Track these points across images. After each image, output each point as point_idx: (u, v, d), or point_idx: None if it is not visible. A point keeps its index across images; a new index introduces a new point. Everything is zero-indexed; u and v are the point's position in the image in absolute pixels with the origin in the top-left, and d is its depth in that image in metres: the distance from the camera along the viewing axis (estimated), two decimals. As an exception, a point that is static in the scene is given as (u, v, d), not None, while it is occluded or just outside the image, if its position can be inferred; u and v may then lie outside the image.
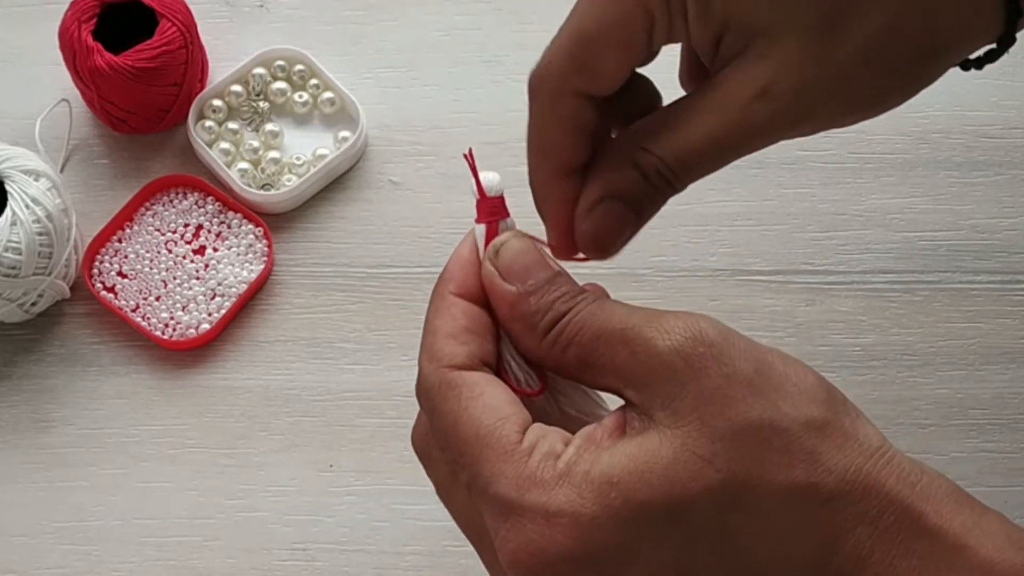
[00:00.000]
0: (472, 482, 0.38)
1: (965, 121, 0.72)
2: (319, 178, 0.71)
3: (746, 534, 0.36)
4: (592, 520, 0.36)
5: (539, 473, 0.37)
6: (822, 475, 0.36)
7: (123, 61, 0.68)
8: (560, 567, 0.36)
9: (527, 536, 0.36)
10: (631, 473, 0.36)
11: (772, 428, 0.36)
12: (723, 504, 0.35)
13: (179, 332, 0.68)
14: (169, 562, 0.64)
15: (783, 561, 0.36)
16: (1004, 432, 0.66)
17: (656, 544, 0.36)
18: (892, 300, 0.69)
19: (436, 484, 0.42)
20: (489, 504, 0.37)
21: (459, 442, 0.39)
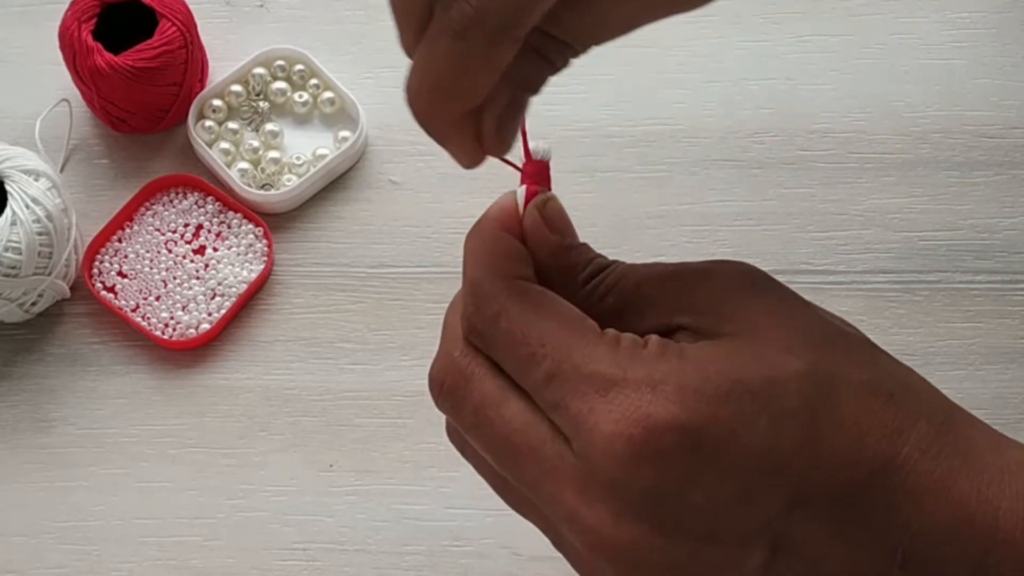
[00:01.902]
0: (556, 369, 0.37)
1: (965, 121, 0.72)
2: (319, 178, 0.71)
3: (827, 422, 0.36)
4: (696, 390, 0.36)
5: (635, 353, 0.37)
6: (883, 375, 0.38)
7: (123, 61, 0.68)
8: (666, 437, 0.35)
9: (633, 403, 0.35)
10: (722, 356, 0.37)
11: (836, 333, 0.39)
12: (807, 390, 0.36)
13: (179, 332, 0.68)
14: (169, 562, 0.64)
15: (857, 452, 0.37)
16: (1004, 431, 0.65)
17: (749, 424, 0.36)
18: (892, 300, 0.69)
19: (478, 406, 0.39)
20: (583, 383, 0.36)
21: (540, 332, 0.37)
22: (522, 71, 0.38)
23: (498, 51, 0.36)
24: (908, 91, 0.73)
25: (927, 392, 0.39)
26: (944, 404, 0.39)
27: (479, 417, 0.39)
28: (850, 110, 0.73)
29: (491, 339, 0.39)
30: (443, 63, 0.37)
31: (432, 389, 0.40)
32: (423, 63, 0.38)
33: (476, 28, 0.36)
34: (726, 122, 0.73)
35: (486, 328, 0.39)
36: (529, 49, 0.38)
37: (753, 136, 0.73)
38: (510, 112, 0.40)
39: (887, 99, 0.73)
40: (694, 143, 0.72)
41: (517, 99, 0.40)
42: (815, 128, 0.73)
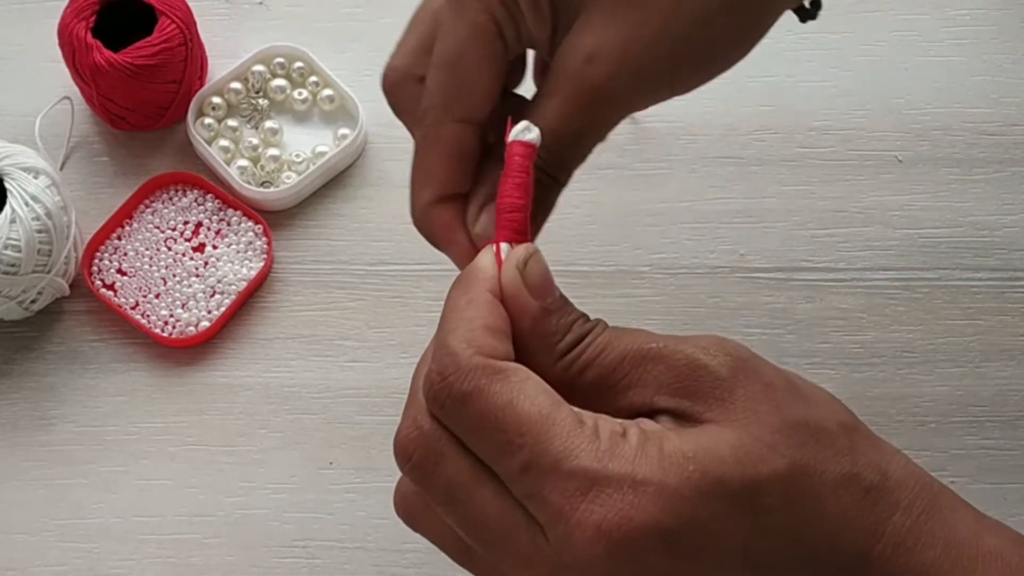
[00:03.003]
0: (533, 462, 0.36)
1: (965, 118, 0.72)
2: (319, 175, 0.71)
3: (806, 520, 0.37)
4: (676, 491, 0.36)
5: (615, 447, 0.36)
6: (862, 467, 0.38)
7: (122, 58, 0.68)
8: (645, 539, 0.35)
9: (615, 504, 0.35)
10: (704, 450, 0.36)
11: (817, 426, 0.38)
12: (788, 489, 0.37)
13: (179, 330, 0.68)
14: (169, 559, 0.64)
15: (834, 547, 0.37)
16: (1004, 429, 0.66)
17: (729, 524, 0.36)
18: (892, 297, 0.69)
19: (449, 486, 0.38)
20: (564, 479, 0.36)
21: (517, 421, 0.36)
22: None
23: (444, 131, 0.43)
24: (908, 88, 0.73)
25: (908, 478, 0.39)
26: (926, 489, 0.39)
27: (451, 496, 0.38)
28: (850, 107, 0.73)
29: (457, 419, 0.38)
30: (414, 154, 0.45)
31: (397, 457, 0.39)
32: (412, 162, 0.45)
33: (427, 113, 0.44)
34: (726, 119, 0.73)
35: (453, 405, 0.38)
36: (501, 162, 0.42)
37: (753, 133, 0.73)
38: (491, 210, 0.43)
39: (887, 96, 0.73)
40: (694, 140, 0.72)
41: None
42: (815, 125, 0.72)
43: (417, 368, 0.41)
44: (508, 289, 0.40)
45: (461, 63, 0.43)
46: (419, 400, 0.39)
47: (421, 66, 0.45)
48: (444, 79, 0.43)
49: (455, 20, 0.43)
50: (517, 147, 0.41)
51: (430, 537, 0.42)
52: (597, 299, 0.68)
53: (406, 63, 0.45)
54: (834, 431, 0.38)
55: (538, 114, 0.43)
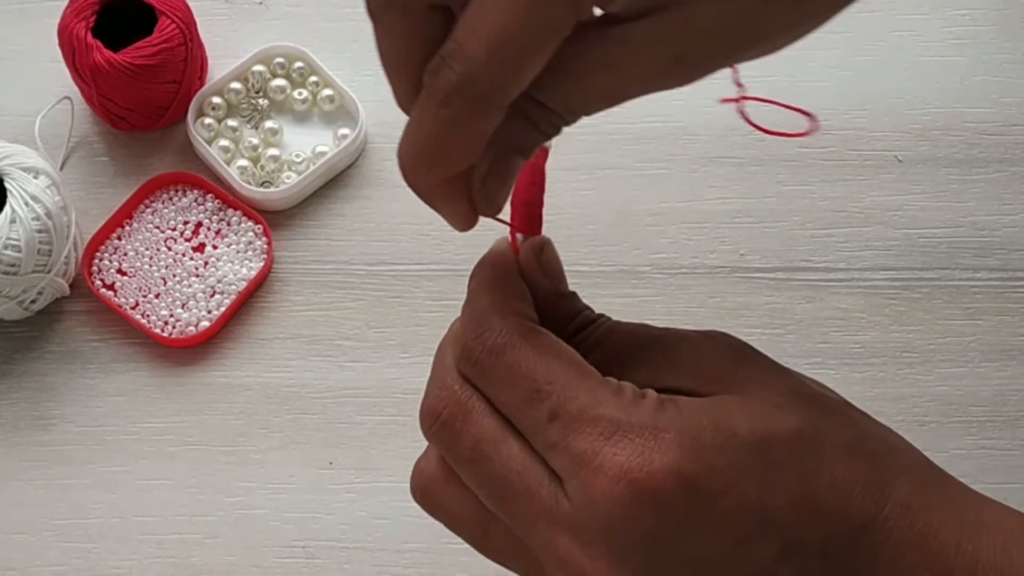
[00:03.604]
0: (561, 409, 0.37)
1: (965, 118, 0.72)
2: (319, 175, 0.71)
3: (816, 477, 0.37)
4: (695, 439, 0.36)
5: (638, 402, 0.37)
6: (866, 435, 0.39)
7: (122, 58, 0.68)
8: (666, 482, 0.36)
9: (637, 448, 0.36)
10: (715, 408, 0.37)
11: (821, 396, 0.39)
12: (797, 446, 0.37)
13: (179, 330, 0.68)
14: (169, 559, 0.64)
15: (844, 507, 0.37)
16: (1004, 429, 0.66)
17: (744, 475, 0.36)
18: (892, 297, 0.69)
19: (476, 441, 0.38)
20: (589, 425, 0.37)
21: (548, 369, 0.38)
22: (511, 136, 0.38)
23: (481, 119, 0.36)
24: (908, 88, 0.73)
25: (907, 450, 0.40)
26: (924, 461, 0.40)
27: (477, 453, 0.39)
28: (850, 107, 0.73)
29: (489, 371, 0.39)
30: (429, 129, 0.37)
31: (426, 419, 0.40)
32: (411, 128, 0.37)
33: (459, 96, 0.35)
34: (726, 119, 0.73)
35: (486, 359, 0.39)
36: (518, 114, 0.37)
37: (753, 133, 0.72)
38: (499, 175, 0.39)
39: (887, 96, 0.73)
40: (694, 140, 0.72)
41: (507, 162, 0.39)
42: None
43: (440, 347, 0.41)
44: (525, 270, 0.41)
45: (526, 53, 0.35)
46: (446, 365, 0.40)
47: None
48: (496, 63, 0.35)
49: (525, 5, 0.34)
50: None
51: (445, 515, 0.41)
52: (597, 299, 0.67)
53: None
54: (837, 402, 0.40)
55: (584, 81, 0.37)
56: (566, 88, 0.37)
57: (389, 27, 0.38)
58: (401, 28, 0.38)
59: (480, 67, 0.35)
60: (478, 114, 0.36)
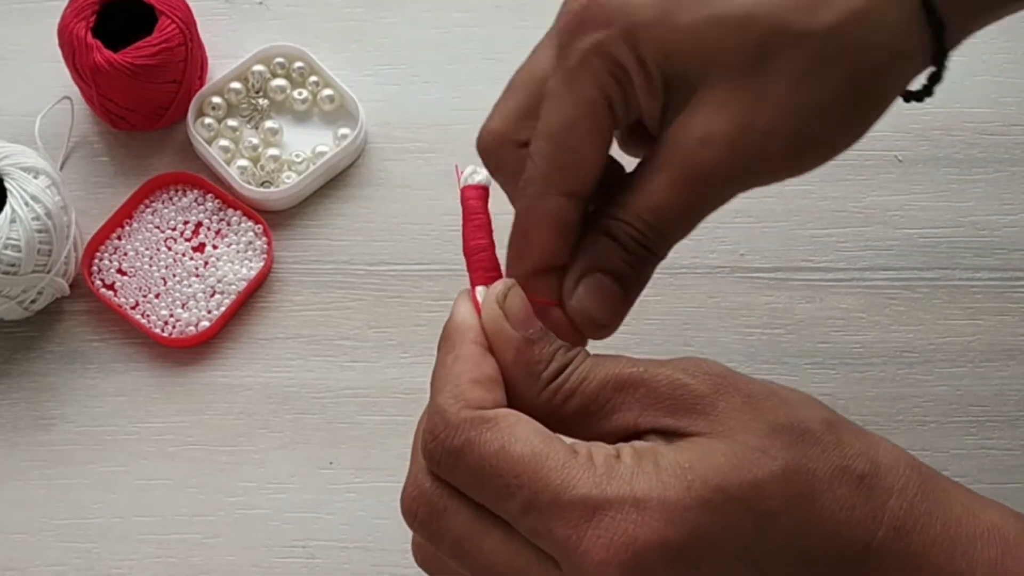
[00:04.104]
0: (533, 500, 0.37)
1: (965, 118, 0.72)
2: (319, 175, 0.71)
3: (806, 518, 0.37)
4: (678, 503, 0.36)
5: (611, 470, 0.37)
6: (851, 459, 0.39)
7: (122, 58, 0.68)
8: (652, 555, 0.36)
9: (620, 526, 0.36)
10: (700, 460, 0.37)
11: (801, 427, 0.39)
12: (786, 489, 0.37)
13: (179, 329, 0.68)
14: (169, 559, 0.64)
15: (837, 541, 0.38)
16: (1004, 429, 0.66)
17: (733, 530, 0.37)
18: (892, 297, 0.69)
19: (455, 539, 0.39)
20: (566, 511, 0.37)
21: (512, 464, 0.38)
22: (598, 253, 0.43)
23: (548, 203, 0.42)
24: (908, 88, 0.73)
25: (897, 462, 0.40)
26: (915, 471, 0.40)
27: (459, 549, 0.39)
28: (850, 107, 0.73)
29: (455, 472, 0.39)
30: (515, 223, 0.44)
31: (405, 516, 0.41)
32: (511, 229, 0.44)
33: (532, 183, 0.43)
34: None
35: (448, 461, 0.39)
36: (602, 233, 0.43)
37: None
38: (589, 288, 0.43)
39: (887, 96, 0.73)
40: (694, 140, 0.72)
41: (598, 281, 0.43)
42: (815, 125, 0.72)
43: (418, 426, 0.42)
44: (489, 325, 0.41)
45: (570, 137, 0.42)
46: (419, 459, 0.41)
47: (521, 131, 0.44)
48: (551, 151, 0.42)
49: (565, 92, 0.42)
50: (469, 191, 0.44)
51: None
52: (597, 299, 0.68)
53: (506, 127, 0.45)
54: (818, 429, 0.39)
55: (646, 189, 0.42)
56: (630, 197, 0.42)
57: (496, 171, 0.46)
58: (504, 168, 0.46)
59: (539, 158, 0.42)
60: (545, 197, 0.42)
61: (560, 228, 0.43)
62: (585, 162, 0.42)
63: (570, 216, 0.43)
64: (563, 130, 0.42)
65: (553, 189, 0.42)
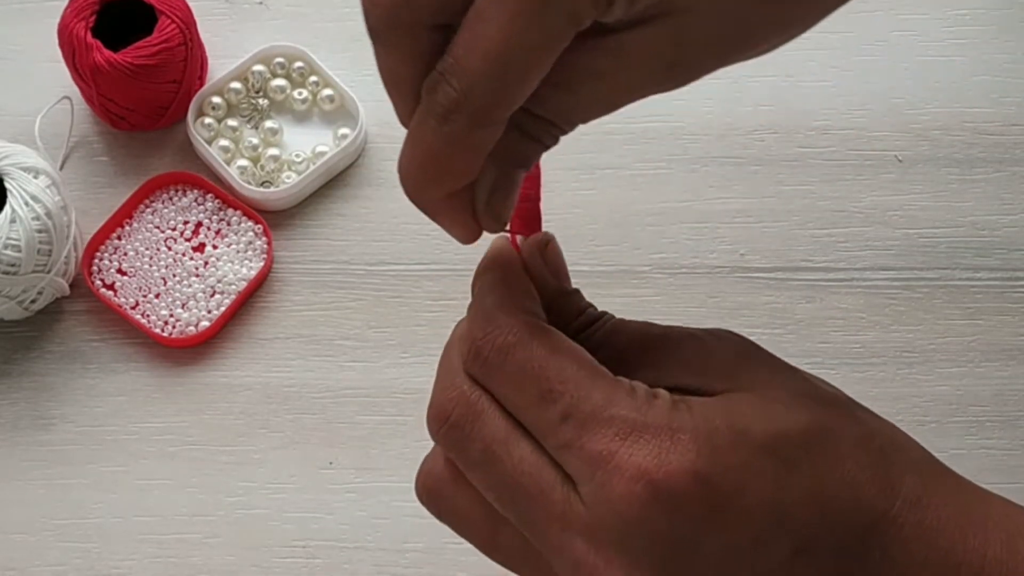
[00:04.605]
0: (574, 409, 0.36)
1: (965, 118, 0.72)
2: (319, 175, 0.71)
3: (828, 475, 0.37)
4: (709, 439, 0.36)
5: (652, 402, 0.37)
6: (872, 431, 0.39)
7: (122, 58, 0.68)
8: (683, 483, 0.36)
9: (653, 449, 0.36)
10: (727, 409, 0.37)
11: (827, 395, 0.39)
12: (809, 444, 0.37)
13: (179, 329, 0.68)
14: (169, 559, 0.64)
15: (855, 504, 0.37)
16: (1004, 429, 0.66)
17: (758, 474, 0.36)
18: (892, 297, 0.69)
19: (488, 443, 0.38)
20: (604, 426, 0.36)
21: (559, 370, 0.37)
22: (510, 149, 0.38)
23: (482, 134, 0.36)
24: (908, 88, 0.73)
25: (912, 447, 0.40)
26: (929, 457, 0.40)
27: (488, 455, 0.38)
28: (850, 107, 0.73)
29: (499, 370, 0.38)
30: (429, 145, 0.37)
31: (434, 421, 0.39)
32: (410, 144, 0.38)
33: (459, 112, 0.35)
34: (726, 119, 0.73)
35: (495, 358, 0.38)
36: (515, 128, 0.38)
37: (753, 133, 0.73)
38: (502, 189, 0.39)
39: (887, 96, 0.73)
40: (694, 140, 0.72)
41: (508, 175, 0.39)
42: (815, 125, 0.72)
43: (446, 348, 0.41)
44: (530, 269, 0.41)
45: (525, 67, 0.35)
46: (453, 366, 0.39)
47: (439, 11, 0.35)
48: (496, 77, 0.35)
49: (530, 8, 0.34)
50: None
51: (452, 518, 0.41)
52: (597, 299, 0.67)
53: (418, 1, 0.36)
54: (842, 400, 0.40)
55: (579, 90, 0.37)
56: (562, 99, 0.37)
57: (390, 45, 0.37)
58: (402, 46, 0.37)
59: (479, 82, 0.35)
60: (478, 129, 0.36)
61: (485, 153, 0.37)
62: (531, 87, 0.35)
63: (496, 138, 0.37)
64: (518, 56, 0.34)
65: (490, 119, 0.36)
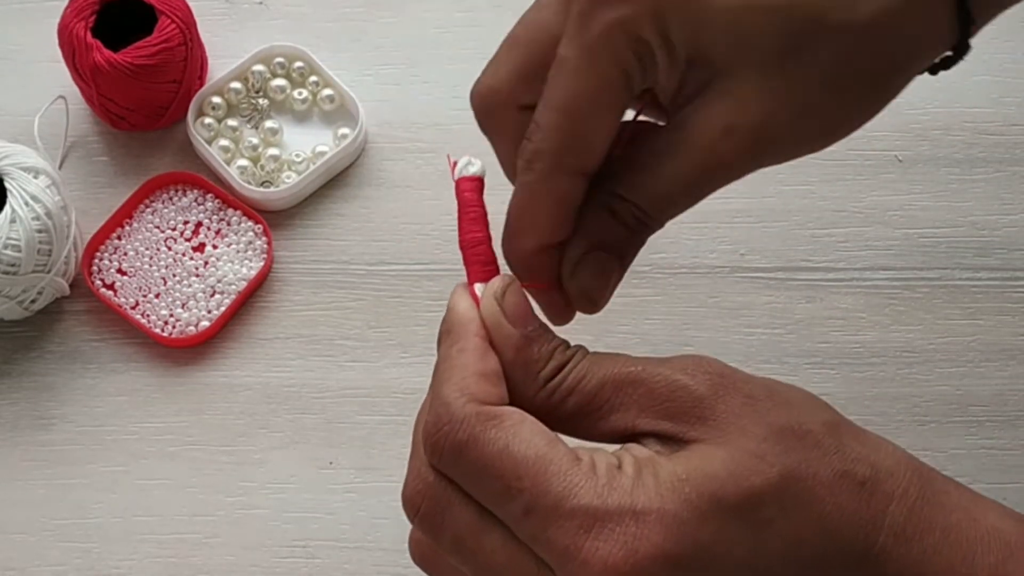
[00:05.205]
0: (534, 504, 0.37)
1: (965, 118, 0.72)
2: (318, 175, 0.71)
3: (805, 525, 0.37)
4: (676, 516, 0.36)
5: (612, 481, 0.37)
6: (852, 463, 0.38)
7: (122, 58, 0.68)
8: (653, 568, 0.36)
9: (619, 539, 0.36)
10: (696, 471, 0.37)
11: (801, 430, 0.38)
12: (784, 497, 0.37)
13: (179, 329, 0.68)
14: (169, 559, 0.64)
15: (838, 547, 0.37)
16: (1004, 429, 0.66)
17: (732, 541, 0.36)
18: (892, 297, 0.69)
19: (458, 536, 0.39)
20: (566, 519, 0.36)
21: (515, 465, 0.37)
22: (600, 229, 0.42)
23: (558, 181, 0.41)
24: (908, 88, 0.73)
25: (898, 466, 0.39)
26: (916, 475, 0.39)
27: (460, 546, 0.39)
28: (850, 107, 0.73)
29: (457, 468, 0.38)
30: (519, 196, 0.42)
31: (406, 509, 0.40)
32: (511, 201, 0.43)
33: (537, 160, 0.41)
34: (726, 119, 0.73)
35: (450, 456, 0.38)
36: (603, 209, 0.42)
37: (753, 133, 0.72)
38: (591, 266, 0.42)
39: (887, 96, 0.73)
40: (694, 140, 0.72)
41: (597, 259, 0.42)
42: (815, 125, 0.72)
43: (417, 418, 0.42)
44: (488, 321, 0.41)
45: (585, 113, 0.40)
46: (421, 452, 0.40)
47: (523, 92, 0.42)
48: (563, 126, 0.40)
49: (583, 65, 0.40)
50: (464, 183, 0.43)
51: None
52: (597, 299, 0.68)
53: (507, 86, 0.43)
54: (819, 432, 0.39)
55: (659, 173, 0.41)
56: (639, 179, 0.41)
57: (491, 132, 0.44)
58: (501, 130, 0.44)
59: (550, 132, 0.40)
60: (555, 175, 0.41)
61: (566, 206, 0.42)
62: (598, 139, 0.41)
63: (577, 194, 0.42)
64: (578, 105, 0.40)
65: (563, 166, 0.41)
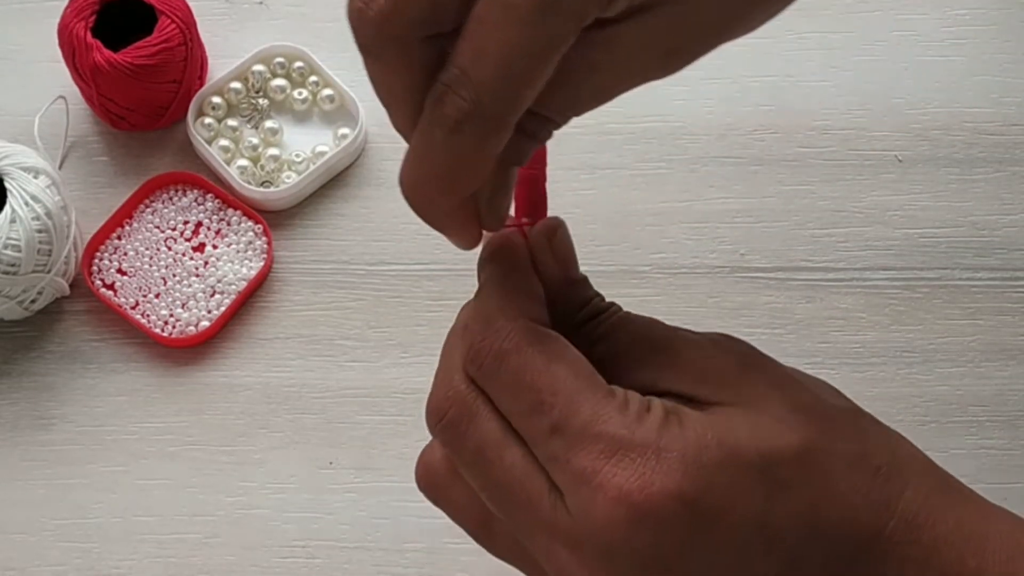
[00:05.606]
0: (563, 423, 0.37)
1: (965, 118, 0.72)
2: (319, 175, 0.71)
3: (820, 495, 0.37)
4: (696, 459, 0.36)
5: (642, 418, 0.37)
6: (871, 448, 0.38)
7: (122, 58, 0.68)
8: (666, 504, 0.36)
9: (638, 469, 0.36)
10: (719, 425, 0.37)
11: (825, 409, 0.39)
12: (802, 464, 0.37)
13: (179, 329, 0.68)
14: (169, 559, 0.64)
15: (848, 525, 0.37)
16: (1004, 429, 0.66)
17: (746, 495, 0.36)
18: (892, 297, 0.69)
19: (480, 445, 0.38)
20: (591, 442, 0.36)
21: (552, 381, 0.37)
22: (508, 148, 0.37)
23: (494, 142, 0.36)
24: (908, 88, 0.73)
25: (914, 459, 0.39)
26: (932, 470, 0.39)
27: (480, 456, 0.38)
28: (850, 107, 0.73)
29: (494, 376, 0.38)
30: (438, 158, 0.36)
31: (431, 416, 0.40)
32: (416, 158, 0.37)
33: (470, 122, 0.35)
34: (726, 119, 0.73)
35: (491, 363, 0.38)
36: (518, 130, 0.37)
37: (753, 133, 0.73)
38: (502, 189, 0.40)
39: (887, 96, 0.73)
40: (694, 140, 0.72)
41: (506, 175, 0.40)
42: (815, 125, 0.72)
43: (448, 338, 0.41)
44: (536, 258, 0.41)
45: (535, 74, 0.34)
46: (453, 364, 0.40)
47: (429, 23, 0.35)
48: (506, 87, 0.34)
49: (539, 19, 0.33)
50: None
51: (449, 507, 0.41)
52: (597, 299, 0.68)
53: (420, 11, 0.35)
54: (841, 416, 0.39)
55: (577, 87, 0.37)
56: (557, 94, 0.37)
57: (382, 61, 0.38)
58: (395, 61, 0.37)
59: (490, 90, 0.34)
60: (492, 137, 0.35)
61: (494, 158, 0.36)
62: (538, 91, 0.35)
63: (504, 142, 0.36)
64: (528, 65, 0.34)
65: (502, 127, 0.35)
